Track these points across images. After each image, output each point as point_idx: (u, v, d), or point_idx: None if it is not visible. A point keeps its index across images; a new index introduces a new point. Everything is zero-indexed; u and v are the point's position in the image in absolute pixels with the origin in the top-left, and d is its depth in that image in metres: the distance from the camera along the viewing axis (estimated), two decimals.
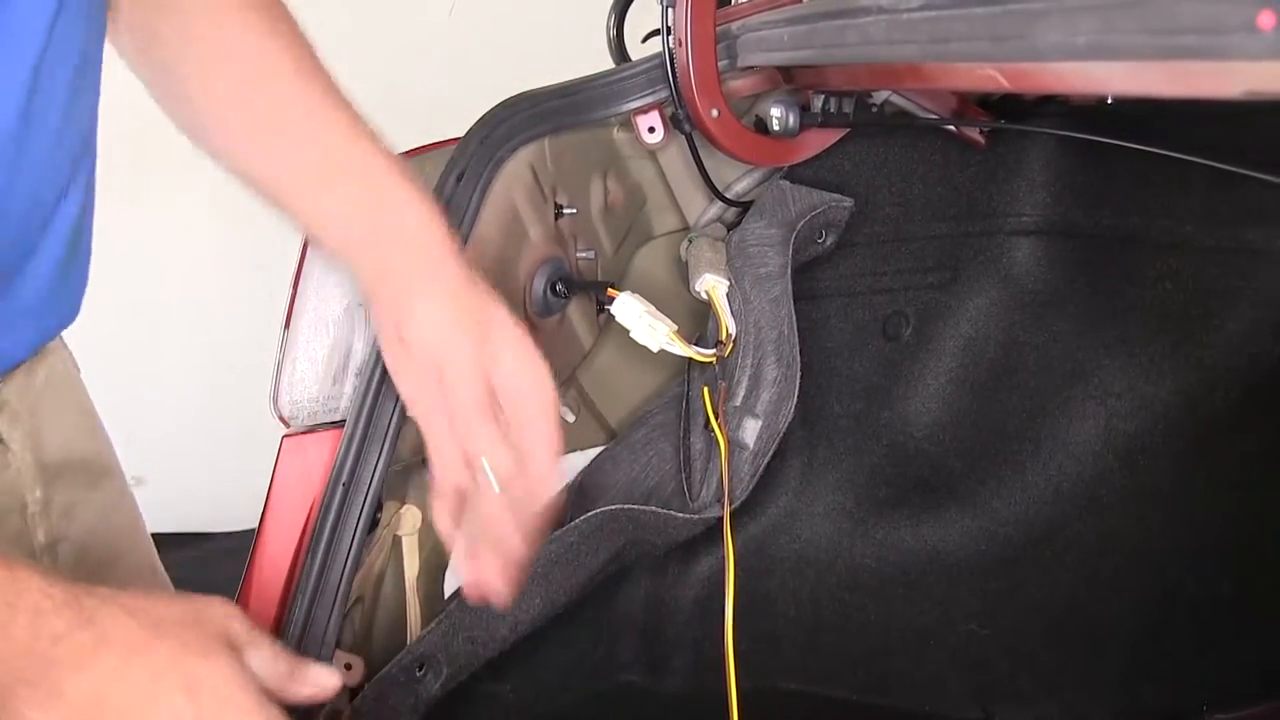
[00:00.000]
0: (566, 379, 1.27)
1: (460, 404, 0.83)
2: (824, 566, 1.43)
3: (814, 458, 1.44)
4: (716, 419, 1.13)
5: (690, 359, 1.14)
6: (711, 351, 1.12)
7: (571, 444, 1.30)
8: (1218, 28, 0.51)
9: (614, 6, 2.52)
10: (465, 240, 1.04)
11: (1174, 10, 0.53)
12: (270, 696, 0.67)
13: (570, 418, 1.30)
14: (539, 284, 1.16)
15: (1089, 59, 0.58)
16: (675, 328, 1.09)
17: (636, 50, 2.48)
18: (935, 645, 1.41)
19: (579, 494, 1.24)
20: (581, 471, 1.27)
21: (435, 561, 1.17)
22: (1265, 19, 0.49)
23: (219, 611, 0.68)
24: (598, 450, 1.29)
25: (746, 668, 1.28)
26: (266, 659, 0.69)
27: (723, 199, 1.25)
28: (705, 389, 1.17)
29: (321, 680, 0.73)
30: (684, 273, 1.25)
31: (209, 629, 0.66)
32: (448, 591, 1.16)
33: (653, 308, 1.10)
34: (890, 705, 1.42)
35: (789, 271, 1.15)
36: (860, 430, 1.44)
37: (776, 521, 1.43)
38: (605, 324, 1.29)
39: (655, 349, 1.09)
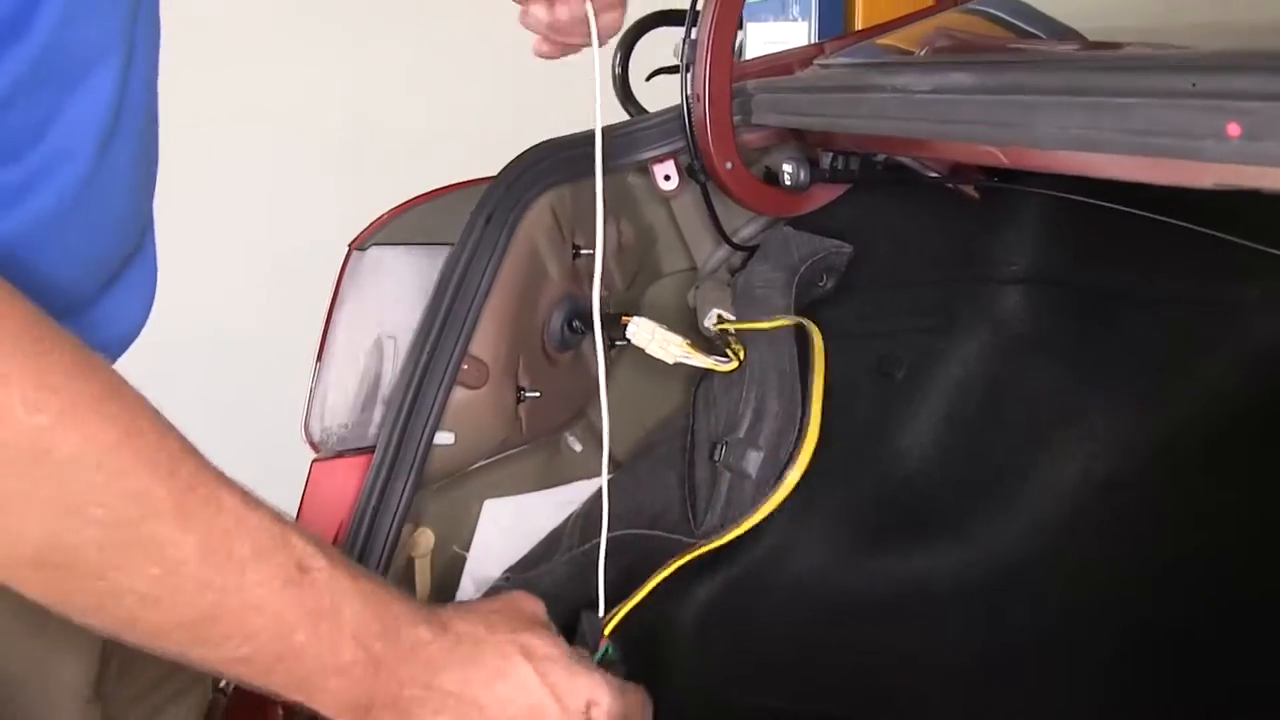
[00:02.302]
0: (578, 411, 1.34)
1: None
2: (817, 593, 1.50)
3: (810, 489, 1.50)
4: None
5: (702, 375, 1.23)
6: (728, 362, 1.19)
7: (579, 473, 1.37)
8: (1191, 133, 0.59)
9: (619, 46, 2.61)
10: (492, 280, 1.11)
11: (1154, 115, 0.60)
12: None
13: (578, 448, 1.37)
14: (557, 321, 1.23)
15: (1079, 150, 0.66)
16: (688, 341, 1.16)
17: (640, 87, 2.57)
18: (921, 669, 1.48)
19: (586, 520, 1.30)
20: (589, 498, 1.34)
21: (446, 583, 1.23)
22: (1233, 128, 0.57)
23: (523, 599, 0.83)
24: (604, 479, 1.36)
25: (737, 686, 1.35)
26: None
27: (731, 244, 1.32)
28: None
29: None
30: (689, 315, 1.32)
31: (524, 613, 0.81)
32: None
33: (664, 328, 1.17)
34: None
35: (791, 312, 1.22)
36: (854, 464, 1.51)
37: (772, 549, 1.49)
38: (615, 360, 1.36)
39: (671, 362, 1.16)
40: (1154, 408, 1.36)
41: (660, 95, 2.46)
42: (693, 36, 1.16)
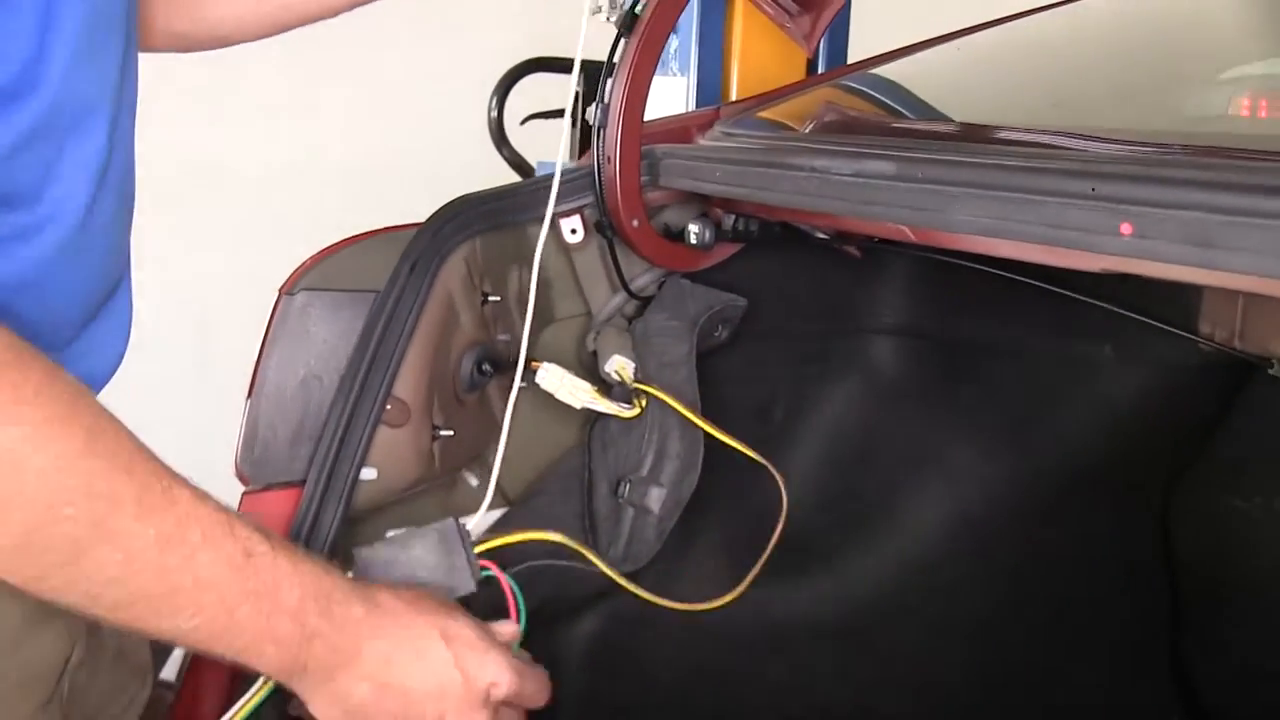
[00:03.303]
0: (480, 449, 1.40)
1: None
2: (698, 625, 1.58)
3: (691, 524, 1.59)
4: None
5: (596, 417, 1.32)
6: (631, 410, 1.26)
7: (475, 506, 1.42)
8: (1090, 229, 0.69)
9: (495, 90, 2.67)
10: (415, 324, 1.17)
11: (1059, 213, 0.70)
12: None
13: (474, 483, 1.42)
14: (467, 364, 1.29)
15: (989, 235, 0.76)
16: (595, 388, 1.24)
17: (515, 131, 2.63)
18: (797, 699, 1.57)
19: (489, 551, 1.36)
20: (484, 533, 1.39)
21: None
22: (1126, 228, 0.67)
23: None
24: (499, 513, 1.42)
25: (623, 717, 1.42)
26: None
27: (631, 294, 1.40)
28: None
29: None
30: (583, 355, 1.39)
31: (444, 602, 0.92)
32: None
33: (571, 374, 1.25)
34: None
35: (693, 359, 1.30)
36: (734, 502, 1.60)
37: (656, 581, 1.57)
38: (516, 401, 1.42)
39: (579, 406, 1.23)
40: (1011, 454, 1.48)
41: (533, 138, 2.53)
42: (605, 100, 1.24)
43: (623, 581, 1.24)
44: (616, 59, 1.24)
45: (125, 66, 0.83)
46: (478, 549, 1.11)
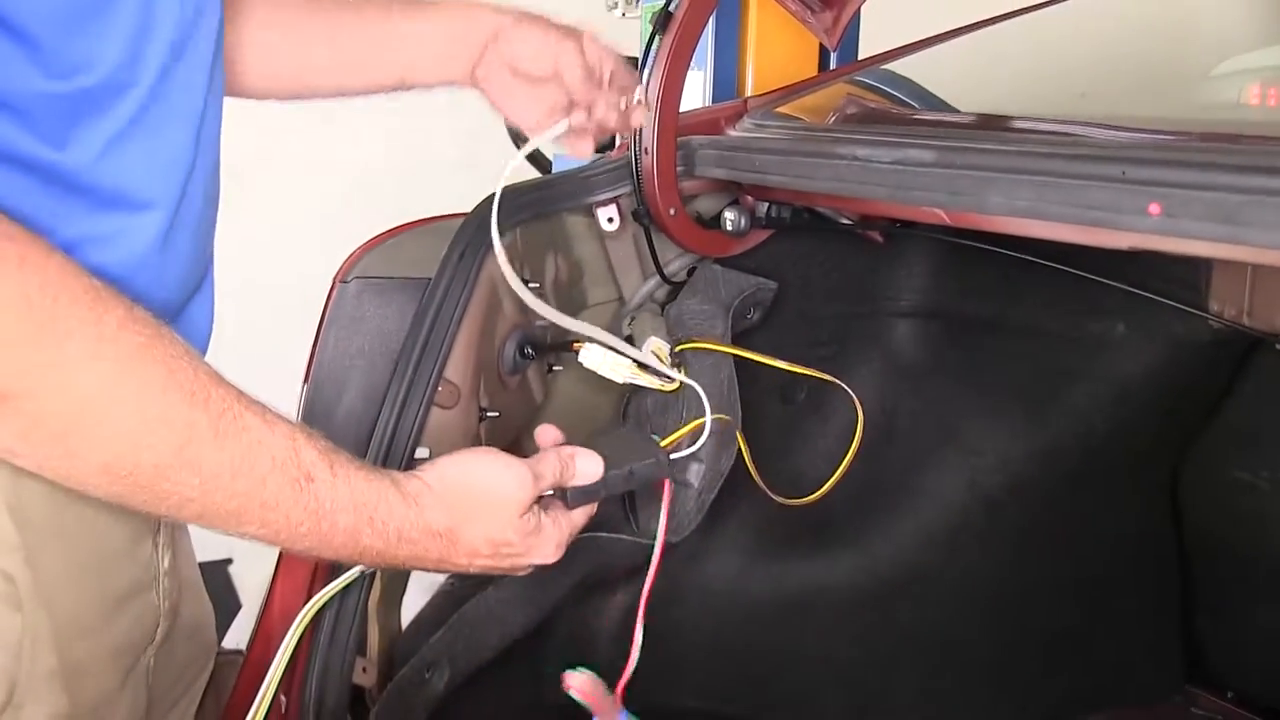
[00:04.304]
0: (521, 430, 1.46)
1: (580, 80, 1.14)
2: (725, 597, 1.64)
3: (719, 502, 1.64)
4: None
5: (630, 396, 1.37)
6: (671, 383, 1.31)
7: None
8: (1121, 209, 0.75)
9: None
10: (465, 310, 1.23)
11: (1089, 194, 0.76)
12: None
13: None
14: (510, 348, 1.34)
15: (1023, 217, 0.82)
16: (635, 364, 1.29)
17: None
18: (819, 667, 1.63)
19: None
20: None
21: (392, 586, 1.33)
22: (1154, 208, 0.73)
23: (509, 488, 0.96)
24: None
25: (652, 687, 1.47)
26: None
27: (665, 280, 1.45)
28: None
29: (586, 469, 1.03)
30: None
31: (501, 511, 0.95)
32: (405, 616, 1.33)
33: (611, 353, 1.30)
34: None
35: (728, 339, 1.36)
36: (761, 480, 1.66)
37: (686, 556, 1.62)
38: (552, 382, 1.48)
39: (621, 381, 1.28)
40: (1030, 430, 1.54)
41: None
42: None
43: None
44: (651, 55, 1.30)
45: (213, 69, 0.89)
46: None
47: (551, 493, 1.00)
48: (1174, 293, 1.39)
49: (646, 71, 1.30)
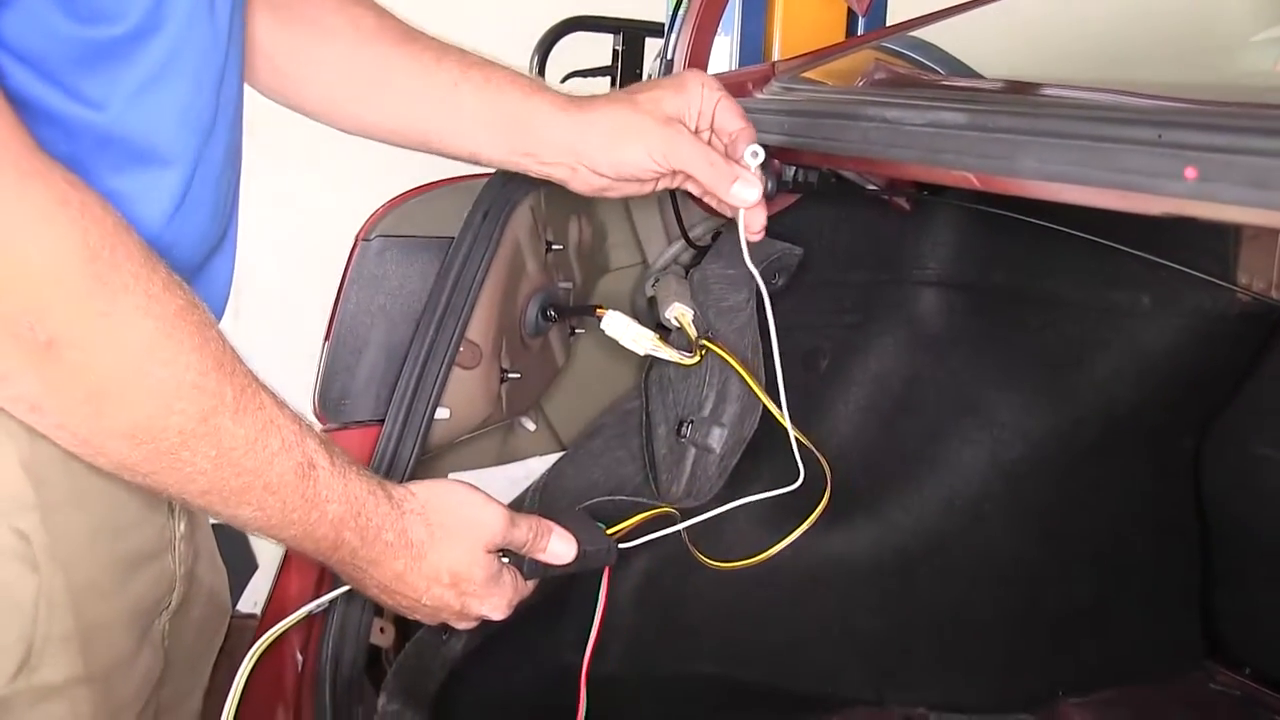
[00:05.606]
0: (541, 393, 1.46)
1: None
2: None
3: (738, 469, 1.64)
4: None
5: (651, 361, 1.36)
6: (692, 358, 1.30)
7: (531, 450, 1.49)
8: (1156, 173, 0.74)
9: (537, 48, 2.71)
10: (487, 270, 1.22)
11: (1125, 158, 0.75)
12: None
13: (531, 427, 1.48)
14: (532, 310, 1.34)
15: (1057, 182, 0.81)
16: (657, 335, 1.28)
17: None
18: (837, 637, 1.63)
19: (545, 493, 1.41)
20: (544, 474, 1.45)
21: None
22: (1190, 172, 0.72)
23: (483, 514, 0.99)
24: (555, 456, 1.48)
25: (671, 653, 1.48)
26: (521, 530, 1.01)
27: (691, 243, 1.45)
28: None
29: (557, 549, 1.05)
30: (638, 303, 1.45)
31: (478, 533, 0.97)
32: None
33: (635, 321, 1.29)
34: (797, 688, 1.63)
35: (753, 305, 1.35)
36: (778, 447, 1.66)
37: (704, 524, 1.63)
38: (572, 347, 1.48)
39: (643, 353, 1.27)
40: (1053, 402, 1.54)
41: None
42: (668, 55, 1.29)
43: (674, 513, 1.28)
44: (678, 19, 1.29)
45: (233, 21, 0.88)
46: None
47: (507, 559, 1.02)
48: (1202, 265, 1.38)
49: (674, 36, 1.29)
